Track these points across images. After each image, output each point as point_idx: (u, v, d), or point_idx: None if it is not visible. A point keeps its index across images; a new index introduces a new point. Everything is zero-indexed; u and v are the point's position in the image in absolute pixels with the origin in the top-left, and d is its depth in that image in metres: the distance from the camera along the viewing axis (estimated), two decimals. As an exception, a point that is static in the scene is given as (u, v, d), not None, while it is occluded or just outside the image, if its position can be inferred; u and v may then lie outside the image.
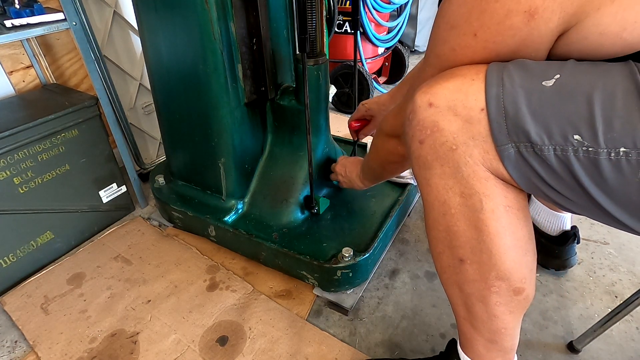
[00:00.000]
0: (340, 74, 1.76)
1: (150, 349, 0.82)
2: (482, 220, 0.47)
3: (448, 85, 0.45)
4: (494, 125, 0.42)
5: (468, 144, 0.44)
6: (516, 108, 0.41)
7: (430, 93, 0.46)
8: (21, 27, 0.85)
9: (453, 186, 0.47)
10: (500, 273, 0.49)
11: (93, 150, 1.07)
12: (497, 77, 0.42)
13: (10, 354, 0.83)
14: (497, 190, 0.46)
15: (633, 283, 0.93)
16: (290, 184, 1.00)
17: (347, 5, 1.69)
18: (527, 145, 0.41)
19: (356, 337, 0.84)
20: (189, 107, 0.95)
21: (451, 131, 0.45)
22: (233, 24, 0.80)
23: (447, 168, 0.47)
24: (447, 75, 0.46)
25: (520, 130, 0.41)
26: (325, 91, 0.93)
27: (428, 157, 0.48)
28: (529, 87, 0.40)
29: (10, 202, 0.93)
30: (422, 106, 0.46)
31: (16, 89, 1.11)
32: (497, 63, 0.43)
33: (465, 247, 0.49)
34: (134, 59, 1.25)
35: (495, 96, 0.42)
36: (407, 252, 1.04)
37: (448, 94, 0.44)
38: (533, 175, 0.43)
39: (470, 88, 0.43)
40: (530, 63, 0.42)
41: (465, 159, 0.45)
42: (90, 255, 1.06)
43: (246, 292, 0.93)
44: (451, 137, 0.45)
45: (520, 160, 0.42)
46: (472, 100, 0.43)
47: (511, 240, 0.48)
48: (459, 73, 0.45)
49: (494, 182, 0.46)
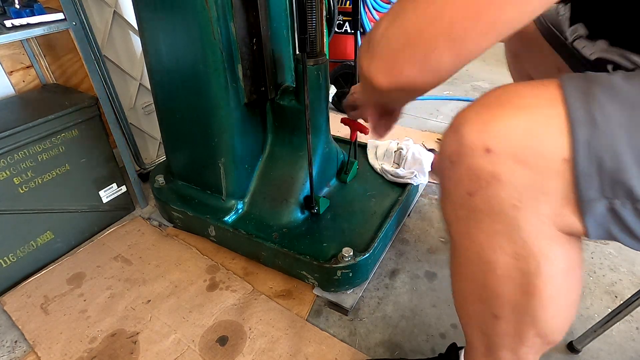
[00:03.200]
0: (340, 74, 1.76)
1: (150, 349, 0.82)
2: (535, 286, 0.39)
3: (514, 124, 0.34)
4: (581, 179, 0.33)
5: (538, 199, 0.35)
6: (616, 156, 0.31)
7: (487, 133, 0.35)
8: (21, 27, 0.84)
9: (504, 246, 0.39)
10: (540, 332, 0.43)
11: (93, 150, 1.07)
12: (585, 112, 0.31)
13: (10, 353, 0.83)
14: (560, 252, 0.38)
15: (633, 283, 0.93)
16: (290, 184, 1.00)
17: (347, 5, 1.69)
18: (627, 202, 0.33)
19: (356, 337, 0.84)
20: (189, 107, 0.95)
21: (517, 186, 0.35)
22: (233, 24, 0.80)
23: (502, 226, 0.38)
24: (503, 103, 0.35)
25: (620, 186, 0.32)
26: (325, 91, 0.93)
27: (477, 211, 0.39)
28: (631, 124, 0.31)
29: (10, 202, 0.93)
30: (475, 150, 0.36)
31: (16, 89, 1.11)
32: (576, 83, 0.33)
33: (505, 308, 0.43)
34: (134, 59, 1.25)
35: (587, 142, 0.31)
36: (407, 252, 1.04)
37: (514, 138, 0.34)
38: (620, 229, 0.35)
39: (545, 130, 0.33)
40: (623, 84, 0.32)
41: (529, 217, 0.36)
42: (90, 255, 1.06)
43: (246, 292, 0.93)
44: (515, 193, 0.35)
45: (610, 216, 0.34)
46: (551, 148, 0.33)
47: (564, 304, 0.42)
48: (524, 102, 0.34)
49: (559, 242, 0.38)
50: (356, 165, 1.14)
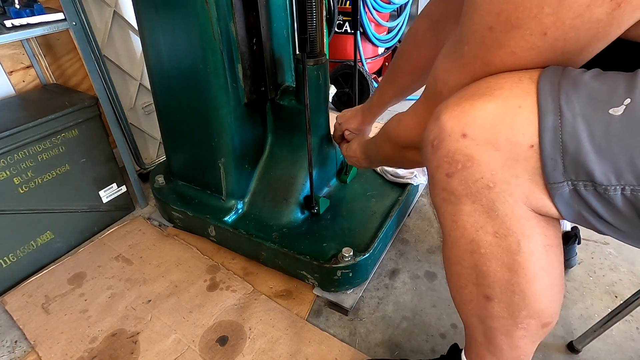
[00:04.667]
0: (340, 74, 1.76)
1: (151, 348, 0.82)
2: (518, 263, 0.42)
3: (487, 112, 0.37)
4: (547, 163, 0.36)
5: (509, 182, 0.38)
6: (577, 143, 0.34)
7: (463, 120, 0.38)
8: (21, 27, 0.85)
9: (485, 225, 0.42)
10: (532, 312, 0.45)
11: (93, 150, 1.07)
12: (554, 104, 0.35)
13: (11, 353, 0.83)
14: (538, 230, 0.41)
15: (633, 283, 0.93)
16: (290, 184, 1.00)
17: (347, 5, 1.69)
18: (588, 184, 0.35)
19: (356, 337, 0.84)
20: (189, 107, 0.95)
21: (489, 168, 0.38)
22: (233, 24, 0.80)
23: (479, 206, 0.41)
24: (482, 94, 0.38)
25: (582, 169, 0.35)
26: (325, 91, 0.93)
27: (456, 192, 0.42)
28: (593, 116, 0.34)
29: (10, 202, 0.93)
30: (452, 135, 0.39)
31: (16, 89, 1.11)
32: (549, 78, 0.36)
33: (495, 287, 0.45)
34: (134, 59, 1.25)
35: (552, 129, 0.35)
36: (407, 252, 1.04)
37: (488, 125, 0.37)
38: (587, 211, 0.37)
39: (516, 118, 0.36)
40: (590, 80, 0.35)
41: (504, 198, 0.39)
42: (91, 255, 1.06)
43: (246, 292, 0.93)
44: (488, 174, 0.39)
45: (575, 198, 0.37)
46: (520, 135, 0.36)
47: (548, 280, 0.44)
48: (499, 93, 0.37)
49: (534, 221, 0.40)
50: (356, 165, 1.14)
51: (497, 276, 0.44)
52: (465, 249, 0.45)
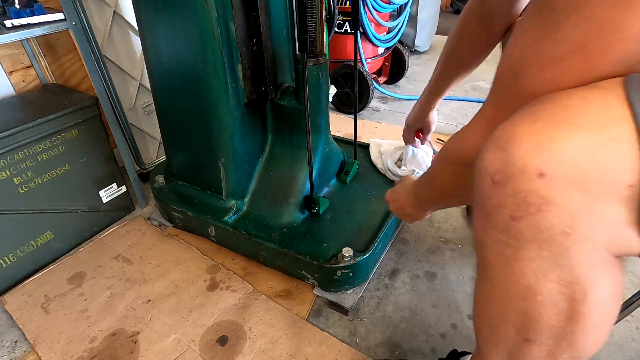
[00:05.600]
0: (340, 74, 1.76)
1: (150, 348, 0.82)
2: (580, 313, 0.36)
3: (573, 148, 0.30)
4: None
5: (593, 226, 0.32)
6: None
7: (540, 156, 0.31)
8: (21, 27, 0.84)
9: (548, 272, 0.35)
10: (574, 355, 0.40)
11: (93, 150, 1.07)
12: None
13: (11, 353, 0.83)
14: (608, 277, 0.36)
15: (633, 283, 0.93)
16: (290, 184, 1.00)
17: (347, 5, 1.69)
18: None
19: (356, 337, 0.84)
20: (189, 107, 0.95)
21: (570, 212, 0.32)
22: (233, 24, 0.80)
23: (548, 253, 0.35)
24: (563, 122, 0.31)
25: None
26: (325, 91, 0.93)
27: (520, 237, 0.35)
28: None
29: (10, 202, 0.93)
30: (525, 174, 0.32)
31: (16, 89, 1.11)
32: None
33: (542, 333, 0.39)
34: (134, 59, 1.25)
35: None
36: (407, 252, 1.04)
37: (574, 164, 0.30)
38: None
39: (611, 155, 0.29)
40: None
41: (582, 245, 0.33)
42: (90, 255, 1.06)
43: (246, 292, 0.93)
44: (568, 220, 0.32)
45: None
46: (616, 174, 0.30)
47: (606, 329, 0.39)
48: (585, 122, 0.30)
49: (608, 266, 0.35)
50: (356, 165, 1.14)
51: (550, 324, 0.38)
52: (518, 295, 0.39)
